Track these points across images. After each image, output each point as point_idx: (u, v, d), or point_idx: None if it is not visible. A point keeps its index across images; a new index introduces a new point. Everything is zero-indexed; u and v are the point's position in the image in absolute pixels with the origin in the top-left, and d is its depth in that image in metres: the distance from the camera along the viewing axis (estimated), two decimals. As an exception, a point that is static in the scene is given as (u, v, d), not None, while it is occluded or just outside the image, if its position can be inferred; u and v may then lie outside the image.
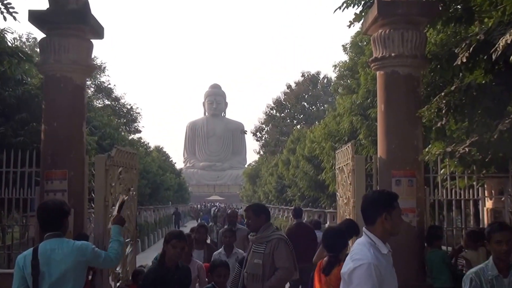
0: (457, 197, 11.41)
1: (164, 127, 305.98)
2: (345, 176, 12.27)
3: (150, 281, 6.61)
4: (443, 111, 9.12)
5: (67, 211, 5.78)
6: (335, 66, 26.12)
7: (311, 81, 65.00)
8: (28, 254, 5.52)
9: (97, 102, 42.49)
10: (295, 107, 65.24)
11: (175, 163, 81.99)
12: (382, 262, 4.29)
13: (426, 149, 10.27)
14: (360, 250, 4.35)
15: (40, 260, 5.44)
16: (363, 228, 4.52)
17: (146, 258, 20.28)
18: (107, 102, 45.94)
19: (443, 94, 9.21)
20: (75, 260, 5.52)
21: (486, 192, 11.05)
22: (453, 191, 11.40)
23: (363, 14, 11.81)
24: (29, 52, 22.17)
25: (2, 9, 11.10)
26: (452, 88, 9.10)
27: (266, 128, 68.23)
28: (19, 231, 13.74)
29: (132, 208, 12.84)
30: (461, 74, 10.11)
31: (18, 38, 39.59)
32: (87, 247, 5.71)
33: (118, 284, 11.55)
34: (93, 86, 44.20)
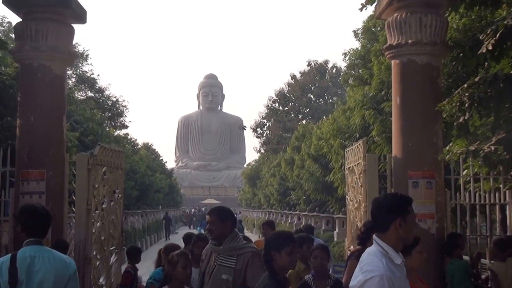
0: (482, 201, 11.41)
1: (153, 122, 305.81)
2: (356, 178, 12.27)
3: None
4: (466, 105, 9.10)
5: (51, 217, 5.89)
6: (345, 54, 26.08)
7: (318, 70, 65.02)
8: (5, 260, 5.55)
9: (79, 94, 42.48)
10: (300, 100, 65.28)
11: (166, 162, 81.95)
12: (395, 273, 4.27)
13: (447, 148, 10.26)
14: (371, 260, 4.33)
15: (19, 268, 5.47)
16: (373, 236, 4.51)
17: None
18: (90, 94, 45.94)
19: (466, 85, 9.20)
20: (57, 272, 5.54)
21: (513, 195, 11.06)
22: (477, 194, 11.40)
23: (376, -5, 11.80)
24: (3, 38, 22.16)
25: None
26: (476, 79, 9.08)
27: (267, 124, 68.32)
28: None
29: (117, 213, 12.84)
30: (486, 63, 10.10)
31: (-10, 23, 39.59)
32: (71, 263, 5.75)
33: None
34: (74, 76, 44.20)
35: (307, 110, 65.40)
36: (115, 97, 48.10)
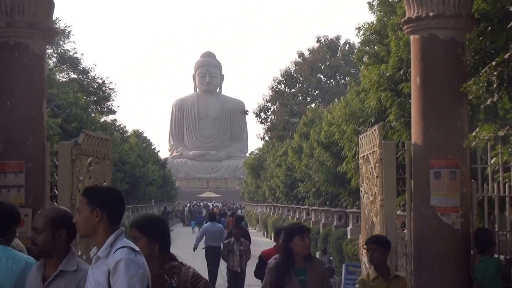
0: (512, 193, 11.41)
1: (144, 107, 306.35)
2: (371, 167, 12.28)
3: None
4: (495, 85, 9.10)
5: (18, 219, 5.97)
6: (358, 28, 26.05)
7: (328, 47, 64.96)
8: None
9: (61, 75, 42.46)
10: (309, 81, 65.27)
11: (159, 151, 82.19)
12: None
13: (473, 133, 10.24)
14: None
15: None
16: None
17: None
18: (73, 75, 45.94)
19: (494, 63, 9.19)
20: (21, 277, 5.61)
21: (548, 186, 11.05)
22: (507, 185, 11.38)
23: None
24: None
25: None
26: (506, 56, 9.07)
27: (272, 108, 68.32)
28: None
29: (105, 208, 12.86)
30: (517, 38, 10.10)
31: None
32: (32, 263, 5.81)
33: None
34: (55, 55, 44.21)
35: (316, 92, 65.42)
36: (101, 79, 48.06)
